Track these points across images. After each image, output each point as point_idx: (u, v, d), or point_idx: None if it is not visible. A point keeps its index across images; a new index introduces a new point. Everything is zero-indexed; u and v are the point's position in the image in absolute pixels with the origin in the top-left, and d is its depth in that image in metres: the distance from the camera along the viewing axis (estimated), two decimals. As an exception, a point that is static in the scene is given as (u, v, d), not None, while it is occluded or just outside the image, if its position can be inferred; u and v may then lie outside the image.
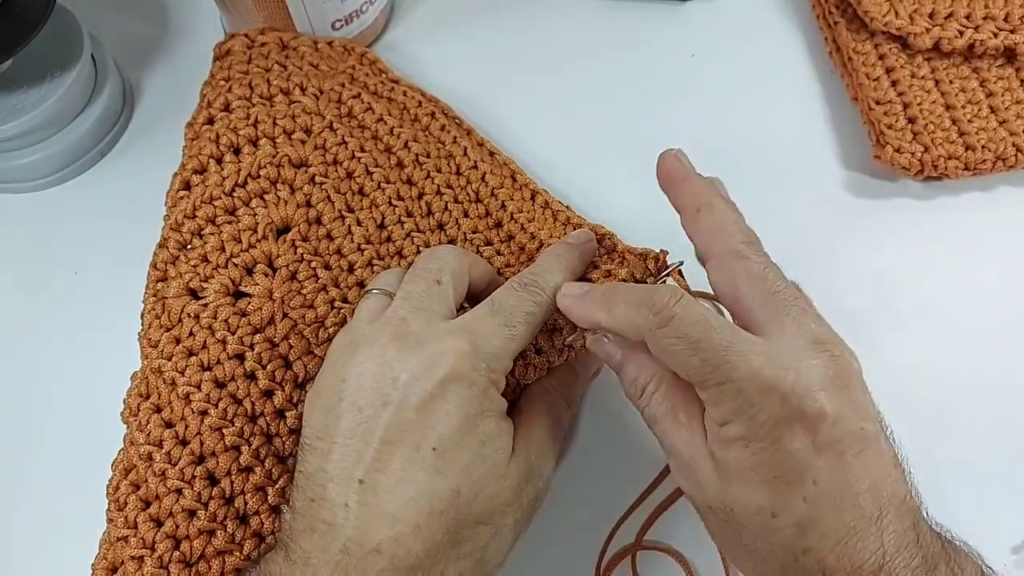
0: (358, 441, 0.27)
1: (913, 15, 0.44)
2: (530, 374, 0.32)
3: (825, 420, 0.25)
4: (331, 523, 0.26)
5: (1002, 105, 0.43)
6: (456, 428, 0.27)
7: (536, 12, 0.50)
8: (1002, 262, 0.42)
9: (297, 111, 0.39)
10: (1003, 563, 0.35)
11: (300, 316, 0.33)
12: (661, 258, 0.34)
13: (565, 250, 0.33)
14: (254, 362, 0.32)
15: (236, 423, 0.31)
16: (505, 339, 0.29)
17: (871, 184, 0.44)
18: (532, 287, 0.31)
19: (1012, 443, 0.38)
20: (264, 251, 0.34)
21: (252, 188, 0.36)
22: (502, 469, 0.28)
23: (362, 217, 0.37)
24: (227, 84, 0.40)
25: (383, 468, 0.26)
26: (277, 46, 0.42)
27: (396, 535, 0.25)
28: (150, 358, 0.33)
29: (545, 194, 0.40)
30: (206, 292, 0.34)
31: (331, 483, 0.26)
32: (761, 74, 0.47)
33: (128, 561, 0.29)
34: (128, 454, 0.31)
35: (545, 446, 0.30)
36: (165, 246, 0.35)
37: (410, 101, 0.43)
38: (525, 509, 0.29)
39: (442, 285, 0.30)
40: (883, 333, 0.40)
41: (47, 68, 0.41)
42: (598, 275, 0.34)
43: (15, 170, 0.42)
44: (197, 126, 0.39)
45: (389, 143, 0.40)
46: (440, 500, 0.26)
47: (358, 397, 0.27)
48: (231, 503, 0.31)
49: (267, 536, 0.31)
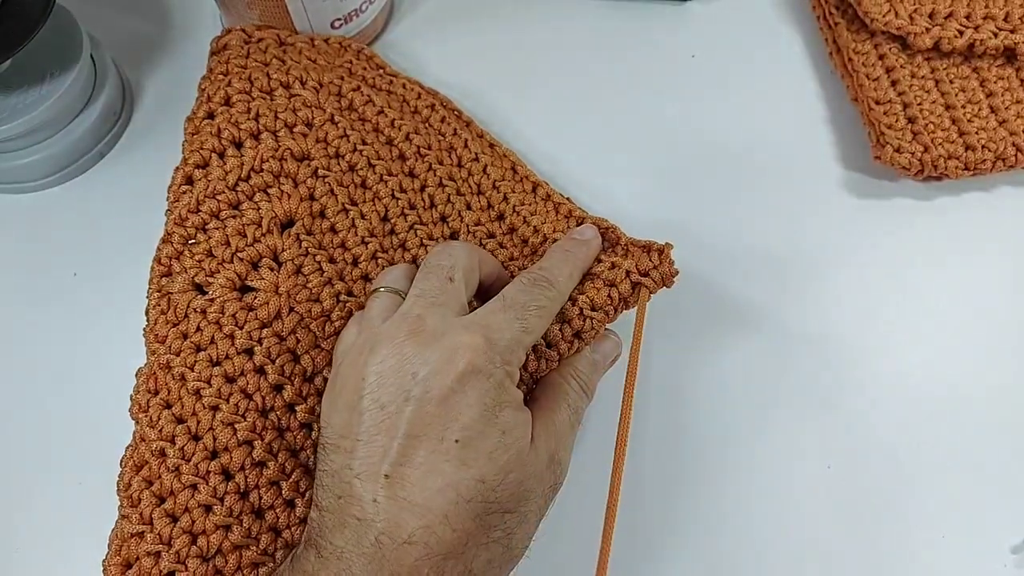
0: (383, 436, 0.27)
1: (913, 15, 0.44)
2: (542, 366, 0.32)
3: None
4: (361, 518, 0.26)
5: (1002, 105, 0.43)
6: (477, 419, 0.27)
7: (536, 12, 0.50)
8: (1002, 262, 0.42)
9: (298, 104, 0.39)
10: (1003, 563, 0.35)
11: (306, 310, 0.33)
12: (665, 251, 0.34)
13: (573, 245, 0.34)
14: (263, 357, 0.32)
15: (248, 418, 0.31)
16: (518, 333, 0.29)
17: (871, 184, 0.44)
18: (542, 282, 0.31)
19: (1011, 443, 0.38)
20: (269, 245, 0.34)
21: (255, 182, 0.36)
22: (524, 457, 0.28)
23: (365, 210, 0.37)
24: (226, 78, 0.39)
25: (408, 461, 0.26)
26: (275, 42, 0.42)
27: (427, 524, 0.26)
28: (157, 354, 0.33)
29: (546, 186, 0.40)
30: (212, 287, 0.33)
31: (357, 480, 0.27)
32: (761, 74, 0.47)
33: (144, 557, 0.29)
34: (139, 450, 0.31)
35: (563, 434, 0.31)
36: (169, 241, 0.35)
37: (409, 94, 0.43)
38: (547, 494, 0.30)
39: (455, 282, 0.31)
40: (883, 333, 0.40)
41: (47, 68, 0.41)
42: (602, 268, 0.34)
43: (15, 170, 0.42)
44: (197, 120, 0.39)
45: (390, 135, 0.40)
46: (467, 489, 0.26)
47: (380, 394, 0.27)
48: (246, 498, 0.31)
49: (282, 530, 0.31)
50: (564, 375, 0.33)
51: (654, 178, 0.44)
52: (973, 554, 0.36)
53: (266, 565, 0.31)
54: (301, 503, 0.31)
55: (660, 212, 0.43)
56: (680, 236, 0.36)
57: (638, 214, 0.42)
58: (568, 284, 0.33)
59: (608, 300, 0.33)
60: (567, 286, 0.32)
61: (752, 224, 0.43)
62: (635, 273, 0.33)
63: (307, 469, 0.32)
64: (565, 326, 0.32)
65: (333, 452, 0.28)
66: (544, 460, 0.29)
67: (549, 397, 0.32)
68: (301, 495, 0.32)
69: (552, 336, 0.32)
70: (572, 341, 0.33)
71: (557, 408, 0.31)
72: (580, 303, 0.33)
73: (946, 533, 0.36)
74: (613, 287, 0.33)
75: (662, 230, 0.41)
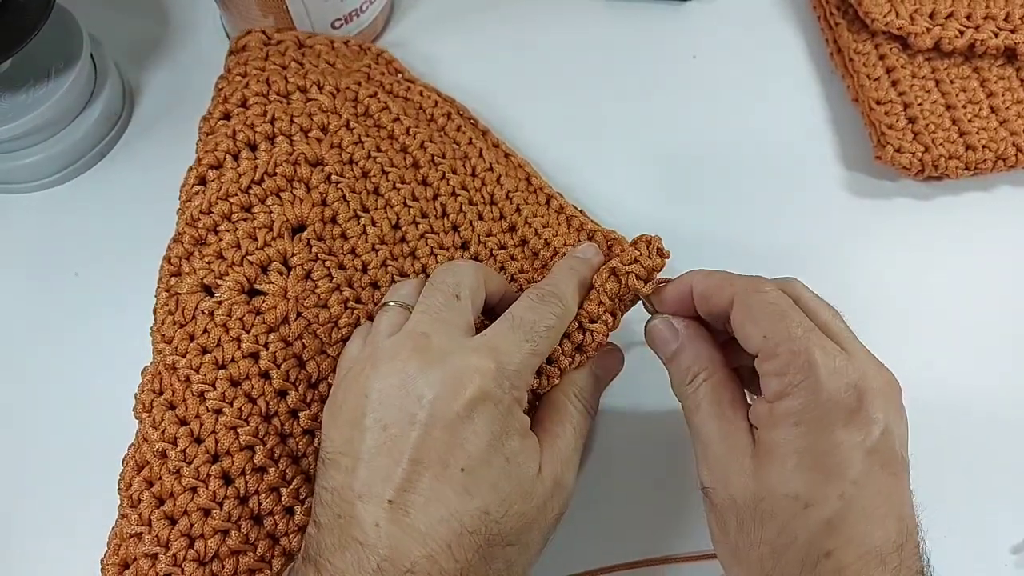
0: (385, 459, 0.26)
1: (913, 15, 0.44)
2: (543, 383, 0.31)
3: (877, 425, 0.25)
4: (362, 542, 0.26)
5: (1002, 105, 0.43)
6: (484, 448, 0.27)
7: (536, 12, 0.50)
8: (1002, 262, 0.42)
9: (314, 109, 0.38)
10: (1003, 563, 0.35)
11: (314, 316, 0.33)
12: (653, 242, 0.33)
13: (578, 263, 0.33)
14: (268, 361, 0.32)
15: (251, 422, 0.31)
16: (527, 355, 0.29)
17: (871, 184, 0.44)
18: (550, 298, 0.31)
19: (1012, 443, 0.38)
20: (279, 249, 0.34)
21: (268, 186, 0.36)
22: (528, 487, 0.28)
23: (377, 217, 0.37)
24: (244, 80, 0.39)
25: (412, 488, 0.26)
26: (294, 44, 0.42)
27: (429, 554, 0.25)
28: (163, 354, 0.33)
29: (560, 198, 0.40)
30: (220, 289, 0.33)
31: (359, 501, 0.26)
32: (762, 74, 0.48)
33: (141, 558, 0.29)
34: (141, 450, 0.31)
35: (568, 458, 0.30)
36: (180, 241, 0.35)
37: (426, 101, 0.43)
38: (550, 523, 0.29)
39: (461, 300, 0.30)
40: (883, 333, 0.40)
41: (47, 68, 0.41)
42: (594, 277, 0.33)
43: (16, 171, 0.42)
44: (213, 120, 0.38)
45: (405, 143, 0.40)
46: (470, 519, 0.26)
47: (382, 414, 0.27)
48: (245, 503, 0.31)
49: (280, 538, 0.31)
50: (567, 394, 0.32)
51: (654, 177, 0.44)
52: (973, 554, 0.36)
53: (262, 572, 0.31)
54: (300, 511, 0.31)
55: (660, 211, 0.43)
56: (680, 235, 0.36)
57: (637, 213, 0.42)
58: (575, 300, 0.32)
59: (600, 306, 0.32)
60: (574, 302, 0.32)
61: (752, 223, 0.43)
62: (621, 267, 0.32)
63: (308, 476, 0.32)
64: (565, 340, 0.32)
65: (333, 468, 0.27)
66: (549, 487, 0.28)
67: (552, 419, 0.31)
68: (300, 502, 0.32)
69: (553, 352, 0.32)
70: (573, 356, 0.32)
71: (561, 431, 0.31)
72: (579, 316, 0.32)
73: (946, 533, 0.36)
74: (602, 290, 0.32)
75: (661, 229, 0.41)
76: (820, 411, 0.25)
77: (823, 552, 0.25)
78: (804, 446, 0.25)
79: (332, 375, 0.33)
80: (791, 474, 0.25)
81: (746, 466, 0.27)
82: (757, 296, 0.28)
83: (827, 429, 0.25)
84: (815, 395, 0.25)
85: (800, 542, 0.25)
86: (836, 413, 0.25)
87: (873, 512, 0.25)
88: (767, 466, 0.26)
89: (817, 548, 0.25)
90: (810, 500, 0.25)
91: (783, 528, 0.26)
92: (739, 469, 0.27)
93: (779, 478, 0.26)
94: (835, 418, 0.25)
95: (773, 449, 0.26)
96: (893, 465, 0.26)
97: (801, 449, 0.25)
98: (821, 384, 0.25)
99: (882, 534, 0.25)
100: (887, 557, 0.25)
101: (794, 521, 0.25)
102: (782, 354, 0.26)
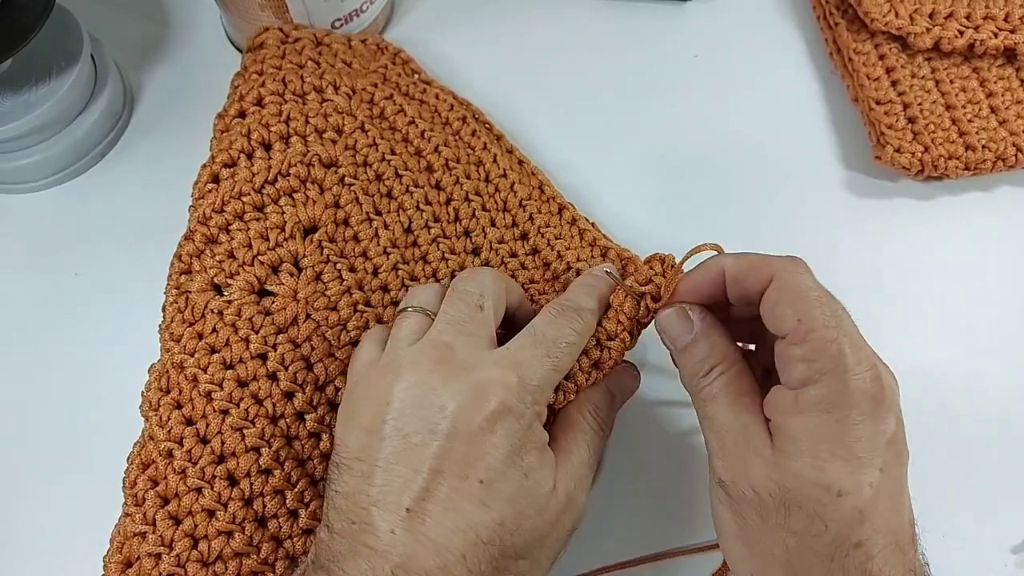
0: (404, 467, 0.26)
1: (913, 15, 0.44)
2: (560, 399, 0.31)
3: (893, 416, 0.26)
4: (376, 549, 0.25)
5: (1002, 105, 0.43)
6: (502, 461, 0.27)
7: (536, 12, 0.50)
8: (1002, 262, 0.42)
9: (329, 110, 0.38)
10: (1003, 563, 0.35)
11: (323, 318, 0.33)
12: (667, 260, 0.33)
13: (596, 280, 0.33)
14: (276, 363, 0.32)
15: (257, 424, 0.31)
16: (548, 370, 0.29)
17: (871, 184, 0.44)
18: (571, 314, 0.31)
19: (1012, 443, 0.38)
20: (290, 250, 0.34)
21: (281, 186, 0.35)
22: (543, 502, 0.28)
23: (389, 220, 0.37)
24: (260, 78, 0.39)
25: (430, 497, 0.26)
26: (311, 42, 0.42)
27: (443, 564, 0.25)
28: (171, 352, 0.33)
29: (572, 209, 0.40)
30: (231, 289, 0.33)
31: (375, 508, 0.26)
32: (761, 74, 0.48)
33: (145, 558, 0.29)
34: (147, 448, 0.31)
35: (582, 475, 0.30)
36: (191, 239, 0.35)
37: (442, 104, 0.43)
38: (562, 539, 0.29)
39: (484, 311, 0.30)
40: (883, 333, 0.40)
41: (47, 68, 0.41)
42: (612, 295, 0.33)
43: (16, 171, 0.42)
44: (228, 118, 0.38)
45: (419, 146, 0.39)
46: (486, 531, 0.26)
47: (403, 422, 0.27)
48: (250, 505, 0.31)
49: (284, 540, 0.31)
50: (583, 411, 0.32)
51: (653, 176, 0.44)
52: (973, 554, 0.36)
53: (265, 575, 0.30)
54: (305, 513, 0.31)
55: (659, 211, 0.43)
56: (680, 235, 0.36)
57: (638, 213, 0.42)
58: (594, 318, 0.32)
59: (619, 325, 0.32)
60: (593, 319, 0.32)
61: (752, 223, 0.43)
62: (637, 286, 0.32)
63: (313, 479, 0.32)
64: (583, 357, 0.32)
65: (347, 473, 0.27)
66: (562, 503, 0.29)
67: (568, 436, 0.31)
68: (305, 505, 0.31)
69: (571, 368, 0.31)
70: (590, 372, 0.32)
71: (576, 448, 0.31)
72: (597, 333, 0.32)
73: (946, 533, 0.36)
74: (620, 310, 0.32)
75: (661, 228, 0.41)
76: (849, 400, 0.25)
77: (854, 542, 0.25)
78: (832, 435, 0.25)
79: (340, 378, 0.33)
80: (821, 463, 0.25)
81: (767, 456, 0.26)
82: (798, 278, 0.27)
83: (855, 418, 0.25)
84: (844, 384, 0.25)
85: (831, 532, 0.25)
86: (864, 403, 0.25)
87: (895, 503, 0.25)
88: (793, 455, 0.26)
89: (848, 538, 0.25)
90: (843, 489, 0.25)
91: (812, 518, 0.25)
92: (760, 460, 0.27)
93: (805, 468, 0.25)
94: (863, 408, 0.25)
95: (798, 438, 0.26)
96: (903, 457, 0.26)
97: (830, 438, 0.25)
98: (849, 373, 0.25)
99: (903, 526, 0.25)
100: (906, 548, 0.25)
101: (825, 511, 0.25)
102: (813, 340, 0.26)
